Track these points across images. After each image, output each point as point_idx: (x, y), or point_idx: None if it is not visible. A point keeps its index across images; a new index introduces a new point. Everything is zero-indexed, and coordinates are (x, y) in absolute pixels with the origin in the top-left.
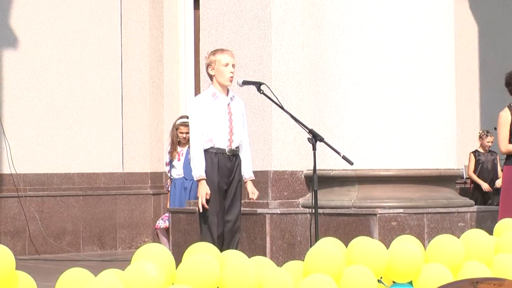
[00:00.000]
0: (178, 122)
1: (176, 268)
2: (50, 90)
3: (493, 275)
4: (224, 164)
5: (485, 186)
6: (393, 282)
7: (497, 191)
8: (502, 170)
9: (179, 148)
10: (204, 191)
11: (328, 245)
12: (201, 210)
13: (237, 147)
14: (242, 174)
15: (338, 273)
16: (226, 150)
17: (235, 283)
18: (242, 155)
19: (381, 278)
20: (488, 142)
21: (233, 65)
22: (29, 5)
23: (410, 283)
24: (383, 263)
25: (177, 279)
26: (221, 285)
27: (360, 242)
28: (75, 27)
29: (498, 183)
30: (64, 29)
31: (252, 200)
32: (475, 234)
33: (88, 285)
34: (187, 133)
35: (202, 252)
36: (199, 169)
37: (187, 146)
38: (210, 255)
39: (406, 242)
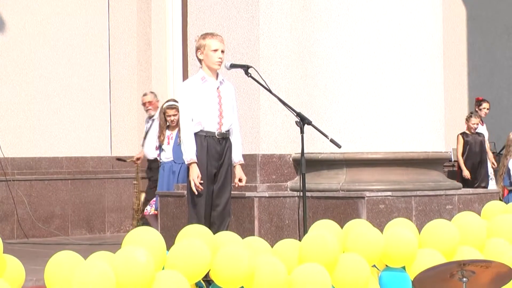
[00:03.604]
0: (165, 105)
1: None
2: (37, 74)
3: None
4: (213, 147)
5: (465, 173)
6: (386, 265)
7: (485, 174)
8: (491, 151)
9: (168, 132)
10: (195, 174)
11: (324, 231)
12: (195, 193)
13: (227, 131)
14: (232, 158)
15: (333, 259)
16: (216, 133)
17: (227, 268)
18: (232, 139)
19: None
20: (474, 124)
21: (222, 51)
22: None
23: (403, 267)
24: (379, 249)
25: (167, 264)
26: (213, 269)
27: (356, 227)
28: (62, 11)
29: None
30: (51, 12)
31: (238, 186)
32: (468, 217)
33: (78, 268)
34: (175, 115)
35: (194, 235)
36: (190, 153)
37: (176, 129)
38: (201, 239)
39: (401, 228)
